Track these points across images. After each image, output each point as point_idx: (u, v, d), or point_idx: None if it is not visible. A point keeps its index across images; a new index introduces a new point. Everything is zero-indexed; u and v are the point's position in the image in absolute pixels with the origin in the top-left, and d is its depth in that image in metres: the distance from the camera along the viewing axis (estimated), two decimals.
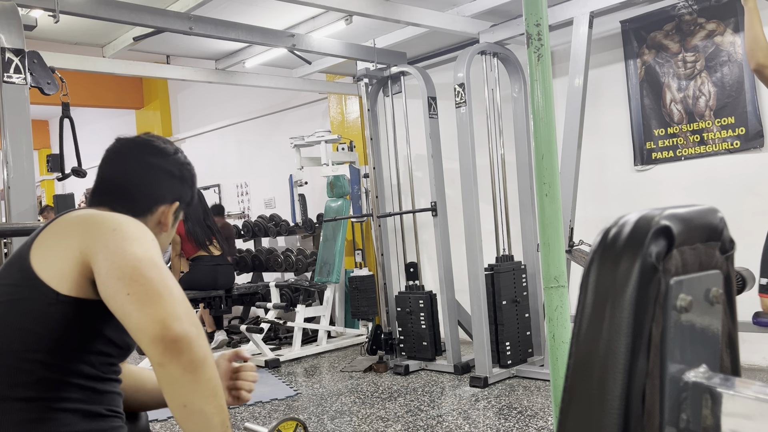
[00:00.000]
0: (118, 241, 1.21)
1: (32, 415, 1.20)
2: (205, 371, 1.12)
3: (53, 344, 1.22)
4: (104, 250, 1.20)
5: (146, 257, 1.19)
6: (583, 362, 0.49)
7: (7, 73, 3.16)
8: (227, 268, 6.47)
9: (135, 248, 1.20)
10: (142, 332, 1.11)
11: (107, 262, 1.18)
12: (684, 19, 4.72)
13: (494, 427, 3.67)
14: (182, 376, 1.10)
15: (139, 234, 1.26)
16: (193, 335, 1.11)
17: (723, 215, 0.56)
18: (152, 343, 1.09)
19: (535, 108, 1.95)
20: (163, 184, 1.46)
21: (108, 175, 1.45)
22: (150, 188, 1.45)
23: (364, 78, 5.44)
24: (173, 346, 1.09)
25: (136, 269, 1.16)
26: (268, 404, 4.48)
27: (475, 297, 4.66)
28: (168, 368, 1.09)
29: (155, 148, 1.46)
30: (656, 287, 0.49)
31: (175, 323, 1.10)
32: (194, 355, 1.10)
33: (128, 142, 1.47)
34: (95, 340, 1.27)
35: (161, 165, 1.46)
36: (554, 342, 1.93)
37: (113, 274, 1.16)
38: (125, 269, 1.16)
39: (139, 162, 1.45)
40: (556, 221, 1.93)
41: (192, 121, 9.39)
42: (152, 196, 1.45)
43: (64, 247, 1.25)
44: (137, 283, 1.14)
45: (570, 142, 4.49)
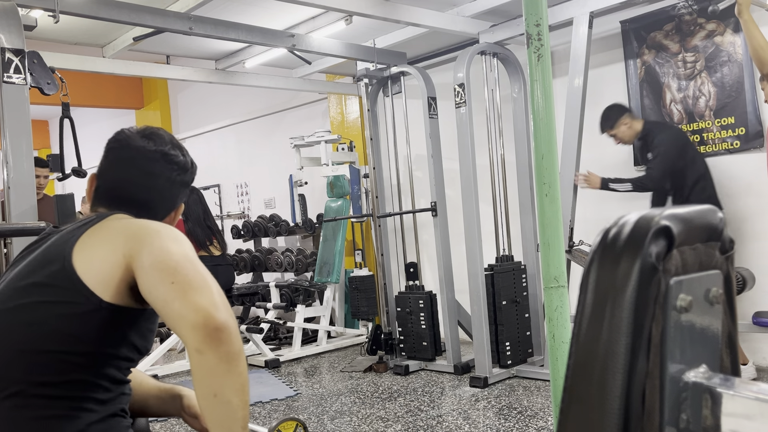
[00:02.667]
0: (162, 240, 1.26)
1: (54, 411, 1.22)
2: (239, 364, 1.15)
3: (89, 348, 1.25)
4: (149, 248, 1.24)
5: (189, 255, 1.25)
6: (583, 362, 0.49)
7: (7, 73, 3.16)
8: (227, 269, 6.47)
9: (177, 247, 1.25)
10: (183, 319, 1.14)
11: (152, 257, 1.22)
12: (684, 19, 4.72)
13: (494, 427, 3.67)
14: (218, 365, 1.12)
15: (179, 236, 1.31)
16: (233, 327, 1.15)
17: (723, 215, 0.56)
18: (193, 329, 1.12)
19: (535, 108, 1.95)
20: (179, 195, 1.52)
21: (129, 185, 1.46)
22: (169, 203, 1.50)
23: (364, 78, 5.44)
24: (215, 335, 1.12)
25: (180, 263, 1.21)
26: (268, 404, 4.48)
27: (475, 297, 4.66)
28: (206, 355, 1.12)
29: (177, 164, 1.48)
30: (656, 287, 0.49)
31: (218, 313, 1.14)
32: (232, 347, 1.13)
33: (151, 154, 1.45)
34: (124, 346, 1.31)
35: (180, 181, 1.50)
36: (554, 342, 1.93)
37: (158, 266, 1.20)
38: (169, 262, 1.21)
39: (163, 180, 1.47)
40: (556, 221, 1.93)
41: (192, 121, 9.39)
42: (168, 208, 1.51)
43: (109, 251, 1.27)
44: (181, 274, 1.18)
45: (570, 142, 4.49)
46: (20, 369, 1.23)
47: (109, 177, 1.47)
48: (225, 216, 8.86)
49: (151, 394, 1.56)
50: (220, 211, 8.91)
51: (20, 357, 1.24)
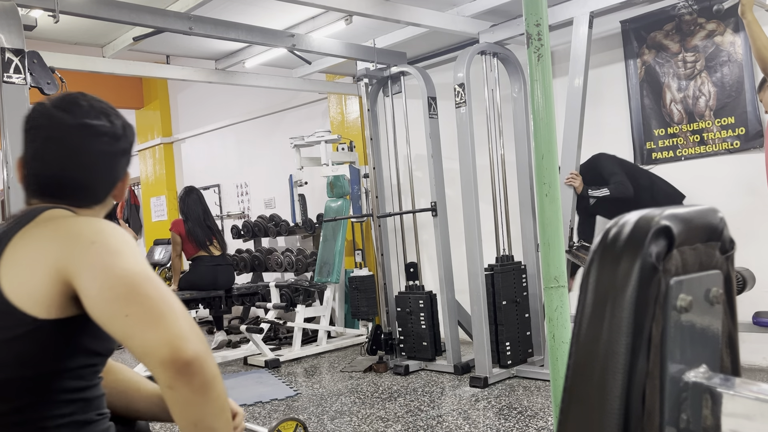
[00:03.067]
0: (101, 256, 1.11)
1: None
2: (215, 390, 1.08)
3: (34, 370, 1.15)
4: (89, 269, 1.10)
5: (137, 271, 1.10)
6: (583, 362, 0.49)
7: (7, 73, 3.16)
8: (227, 268, 6.47)
9: (122, 263, 1.10)
10: (148, 356, 1.05)
11: (96, 283, 1.09)
12: (684, 19, 4.72)
13: (494, 427, 3.67)
14: (194, 398, 1.06)
15: (120, 244, 1.15)
16: (203, 354, 1.06)
17: (723, 215, 0.56)
18: (161, 367, 1.04)
19: (535, 108, 1.95)
20: (119, 165, 1.35)
21: (56, 168, 1.29)
22: (108, 177, 1.34)
23: (364, 78, 5.44)
24: (185, 370, 1.04)
25: (131, 287, 1.07)
26: (268, 404, 4.48)
27: (475, 297, 4.65)
28: (179, 391, 1.05)
29: (105, 133, 1.30)
30: (656, 287, 0.49)
31: (185, 345, 1.04)
32: (205, 376, 1.06)
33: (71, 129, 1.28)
34: (79, 355, 1.20)
35: (115, 150, 1.33)
36: (554, 342, 1.93)
37: (105, 296, 1.08)
38: (118, 289, 1.07)
39: (93, 155, 1.30)
40: (556, 221, 1.93)
41: (192, 121, 9.39)
42: (111, 183, 1.35)
43: (37, 264, 1.14)
44: (134, 303, 1.06)
45: (570, 142, 4.49)
46: None
47: (34, 163, 1.29)
48: (225, 216, 8.86)
49: (152, 401, 1.49)
50: (220, 211, 8.91)
51: None
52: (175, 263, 6.42)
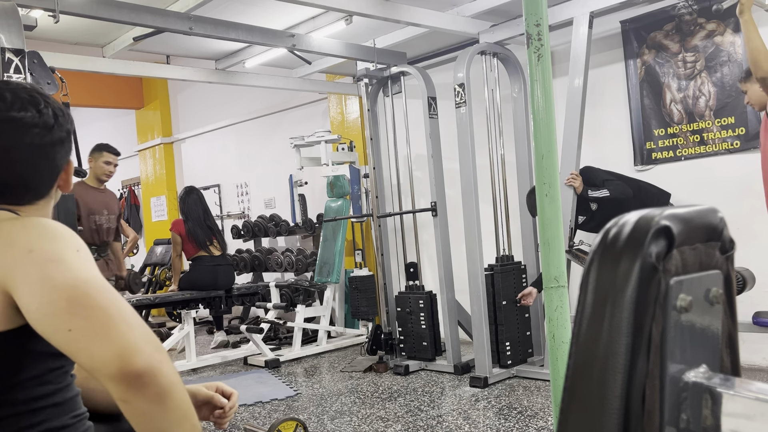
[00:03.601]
0: (39, 265, 1.03)
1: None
2: (173, 398, 1.02)
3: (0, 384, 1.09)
4: (27, 282, 1.02)
5: (80, 280, 1.02)
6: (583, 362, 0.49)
7: (7, 73, 3.16)
8: (227, 268, 6.48)
9: (62, 272, 1.02)
10: (97, 371, 0.98)
11: (35, 296, 1.01)
12: (684, 19, 4.72)
13: (494, 427, 3.67)
14: (150, 409, 1.00)
15: (61, 249, 1.06)
16: (157, 363, 1.00)
17: (723, 215, 0.56)
18: (112, 381, 0.98)
19: (535, 108, 1.95)
20: (57, 156, 1.25)
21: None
22: (47, 171, 1.24)
23: (364, 78, 5.44)
24: (136, 382, 0.98)
25: (72, 299, 1.00)
26: (268, 404, 4.48)
27: (475, 297, 4.65)
28: (134, 404, 0.99)
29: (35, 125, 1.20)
30: (656, 287, 0.49)
31: (135, 356, 0.98)
32: (160, 387, 1.00)
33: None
34: (40, 361, 1.13)
35: (50, 141, 1.23)
36: (554, 342, 1.93)
37: (46, 311, 1.00)
38: (59, 302, 1.00)
39: (25, 150, 1.20)
40: (556, 221, 1.93)
41: (192, 121, 9.39)
42: (51, 176, 1.26)
43: None
44: (77, 316, 0.99)
45: (570, 142, 4.49)
46: None
47: None
48: (225, 216, 8.87)
49: None
50: (220, 211, 8.91)
51: None
52: (175, 263, 6.42)
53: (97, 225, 4.82)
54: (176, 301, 6.04)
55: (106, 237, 4.93)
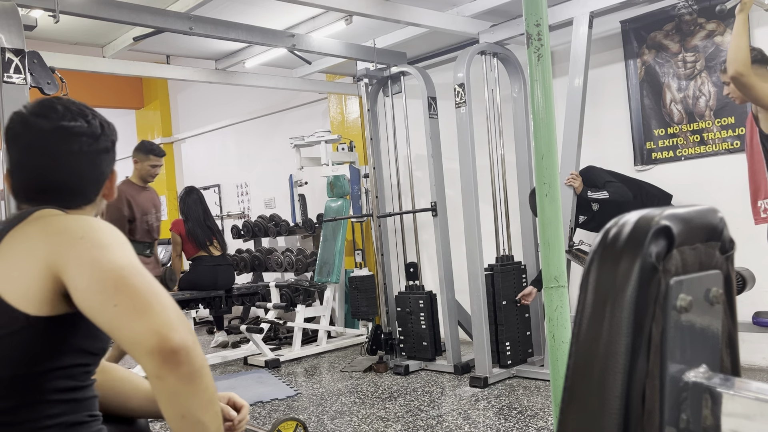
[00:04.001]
0: (90, 250, 1.13)
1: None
2: (203, 380, 1.09)
3: (27, 369, 1.16)
4: (77, 263, 1.11)
5: (125, 264, 1.12)
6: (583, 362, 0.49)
7: (7, 73, 3.16)
8: (227, 268, 6.47)
9: (110, 256, 1.12)
10: (136, 345, 1.05)
11: (85, 276, 1.10)
12: (684, 19, 4.72)
13: (494, 427, 3.67)
14: (181, 388, 1.06)
15: (109, 238, 1.16)
16: (191, 344, 1.07)
17: (723, 215, 0.56)
18: (149, 355, 1.05)
19: (535, 108, 1.95)
20: (102, 164, 1.35)
21: (40, 174, 1.30)
22: (93, 177, 1.35)
23: (364, 78, 5.44)
24: (172, 358, 1.05)
25: (119, 279, 1.09)
26: (268, 404, 4.48)
27: (475, 297, 4.65)
28: (166, 380, 1.05)
29: (83, 134, 1.31)
30: (656, 287, 0.49)
31: (172, 334, 1.05)
32: (193, 366, 1.07)
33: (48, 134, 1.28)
34: (70, 354, 1.20)
35: (96, 149, 1.33)
36: (554, 342, 1.93)
37: (94, 288, 1.09)
38: (106, 281, 1.09)
39: (74, 156, 1.30)
40: (556, 221, 1.93)
41: (192, 121, 9.39)
42: (97, 182, 1.36)
43: (28, 261, 1.15)
44: (123, 294, 1.07)
45: (570, 142, 4.49)
46: None
47: (18, 172, 1.31)
48: (225, 216, 8.86)
49: (151, 398, 1.47)
50: (220, 211, 8.91)
51: None
52: (175, 263, 6.42)
53: (149, 224, 4.86)
54: (176, 301, 6.01)
55: (156, 234, 4.97)
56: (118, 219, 4.67)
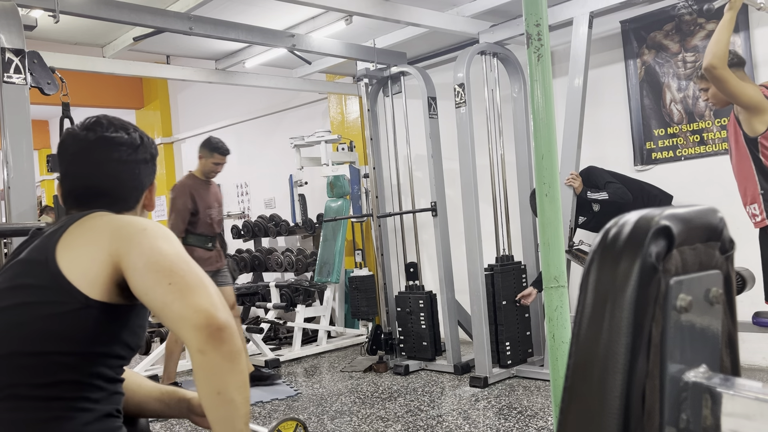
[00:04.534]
0: (150, 239, 1.25)
1: (49, 414, 1.22)
2: (241, 362, 1.16)
3: (79, 347, 1.24)
4: (138, 248, 1.24)
5: (181, 254, 1.25)
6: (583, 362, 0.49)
7: (7, 73, 3.16)
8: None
9: (168, 246, 1.25)
10: (184, 320, 1.15)
11: (143, 258, 1.22)
12: (684, 19, 4.72)
13: (494, 427, 3.67)
14: (222, 364, 1.14)
15: (167, 234, 1.30)
16: (233, 326, 1.16)
17: (723, 215, 0.56)
18: (196, 330, 1.14)
19: (535, 108, 1.95)
20: (141, 174, 1.47)
21: (85, 180, 1.44)
22: (133, 185, 1.46)
23: (364, 78, 5.44)
24: (217, 335, 1.14)
25: (174, 263, 1.21)
26: (268, 404, 4.48)
27: (475, 297, 4.65)
28: (209, 355, 1.14)
29: (123, 143, 1.44)
30: (656, 287, 0.49)
31: (219, 313, 1.15)
32: (234, 346, 1.15)
33: (93, 144, 1.42)
34: (115, 344, 1.30)
35: (135, 159, 1.45)
36: (554, 342, 1.93)
37: (152, 268, 1.21)
38: (163, 263, 1.21)
39: (115, 164, 1.43)
40: (556, 221, 1.93)
41: (192, 121, 9.39)
42: (136, 190, 1.47)
43: (94, 249, 1.27)
44: (177, 275, 1.19)
45: (570, 142, 4.49)
46: (11, 372, 1.23)
47: (68, 179, 1.45)
48: (225, 216, 8.85)
49: (152, 397, 1.55)
50: None
51: (10, 360, 1.23)
52: None
53: (212, 218, 4.85)
54: None
55: (218, 228, 4.97)
56: (181, 211, 4.72)
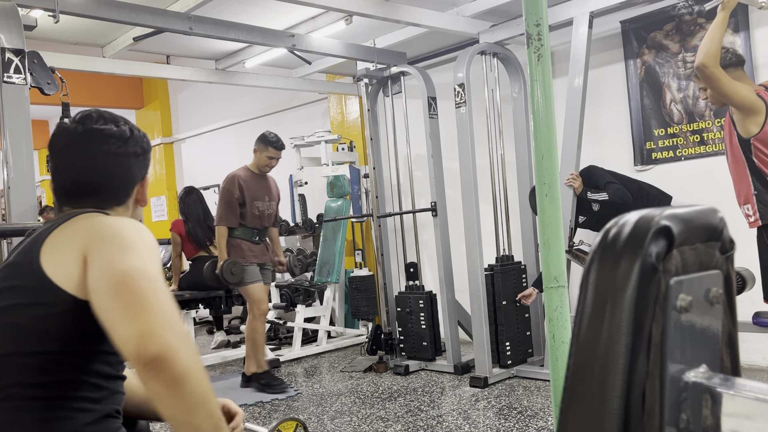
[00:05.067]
0: (113, 250, 1.20)
1: (49, 414, 1.21)
2: (187, 384, 1.09)
3: (73, 346, 1.24)
4: (99, 260, 1.20)
5: (137, 267, 1.17)
6: (583, 362, 0.49)
7: (7, 73, 3.16)
8: None
9: (127, 259, 1.18)
10: (122, 349, 1.11)
11: (97, 274, 1.18)
12: (684, 19, 4.72)
13: (494, 427, 3.67)
14: (165, 393, 1.08)
15: (136, 241, 1.23)
16: (173, 349, 1.08)
17: (723, 215, 0.56)
18: (132, 360, 1.10)
19: (535, 108, 1.95)
20: (132, 167, 1.45)
21: (75, 174, 1.42)
22: (123, 178, 1.44)
23: (364, 78, 5.44)
24: (151, 365, 1.07)
25: (120, 283, 1.14)
26: (268, 404, 4.48)
27: (475, 297, 4.65)
28: (150, 385, 1.09)
29: (112, 135, 1.42)
30: (656, 287, 0.49)
31: (152, 340, 1.08)
32: (174, 371, 1.08)
33: (81, 136, 1.40)
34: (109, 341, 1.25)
35: (125, 152, 1.43)
36: (554, 342, 1.93)
37: (98, 287, 1.17)
38: (110, 281, 1.15)
39: (104, 156, 1.41)
40: (556, 221, 1.93)
41: (192, 121, 9.39)
42: (127, 184, 1.45)
43: (71, 250, 1.25)
44: (118, 298, 1.13)
45: (570, 142, 4.49)
46: (10, 372, 1.23)
47: (58, 174, 1.43)
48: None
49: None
50: None
51: (8, 360, 1.23)
52: (175, 263, 6.42)
53: (260, 211, 4.84)
54: (176, 301, 6.03)
55: (267, 222, 4.94)
56: (228, 202, 4.75)
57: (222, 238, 4.79)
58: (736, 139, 3.30)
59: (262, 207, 4.88)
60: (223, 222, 4.79)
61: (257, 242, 4.86)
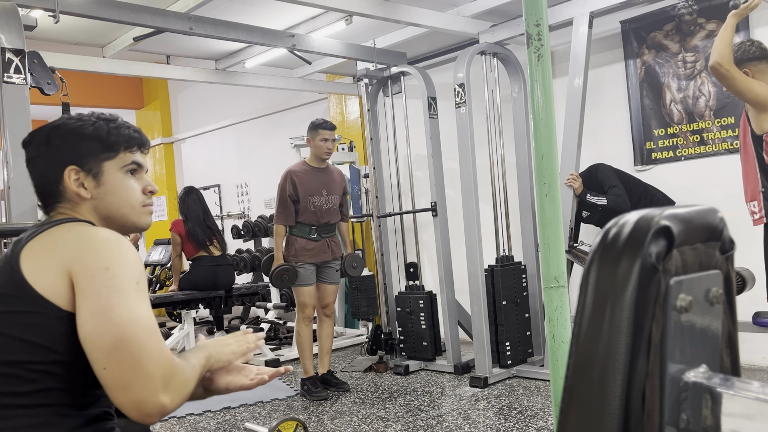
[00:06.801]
0: (107, 291, 1.18)
1: (36, 420, 1.21)
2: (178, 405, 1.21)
3: (57, 357, 1.22)
4: (89, 298, 1.18)
5: (130, 319, 1.17)
6: (583, 362, 0.49)
7: (7, 73, 3.16)
8: (227, 269, 6.47)
9: (120, 308, 1.17)
10: (116, 404, 1.17)
11: (92, 320, 1.17)
12: (684, 19, 4.72)
13: (494, 427, 3.67)
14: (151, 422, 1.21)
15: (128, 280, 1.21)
16: (167, 407, 1.18)
17: (723, 215, 0.56)
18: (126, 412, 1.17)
19: (535, 108, 1.95)
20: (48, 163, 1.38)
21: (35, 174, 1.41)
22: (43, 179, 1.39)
23: (364, 78, 5.44)
24: (147, 420, 1.17)
25: (117, 340, 1.15)
26: (268, 404, 4.48)
27: (475, 297, 4.65)
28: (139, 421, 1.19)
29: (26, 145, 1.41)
30: (656, 287, 0.49)
31: (148, 406, 1.15)
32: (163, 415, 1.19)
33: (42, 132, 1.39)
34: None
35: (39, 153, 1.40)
36: (554, 342, 1.93)
37: (95, 341, 1.17)
38: (106, 338, 1.15)
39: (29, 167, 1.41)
40: (556, 221, 1.93)
41: (192, 121, 9.39)
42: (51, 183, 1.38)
43: (56, 262, 1.23)
44: (114, 360, 1.15)
45: (570, 142, 4.49)
46: None
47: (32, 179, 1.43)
48: (225, 216, 8.86)
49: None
50: (220, 211, 8.91)
51: None
52: (175, 263, 6.42)
53: (316, 206, 4.63)
54: (176, 301, 6.04)
55: (327, 218, 4.69)
56: (282, 199, 4.67)
57: (278, 237, 4.65)
58: (750, 135, 3.32)
59: (319, 202, 4.66)
60: (278, 221, 4.68)
61: (316, 239, 4.64)
